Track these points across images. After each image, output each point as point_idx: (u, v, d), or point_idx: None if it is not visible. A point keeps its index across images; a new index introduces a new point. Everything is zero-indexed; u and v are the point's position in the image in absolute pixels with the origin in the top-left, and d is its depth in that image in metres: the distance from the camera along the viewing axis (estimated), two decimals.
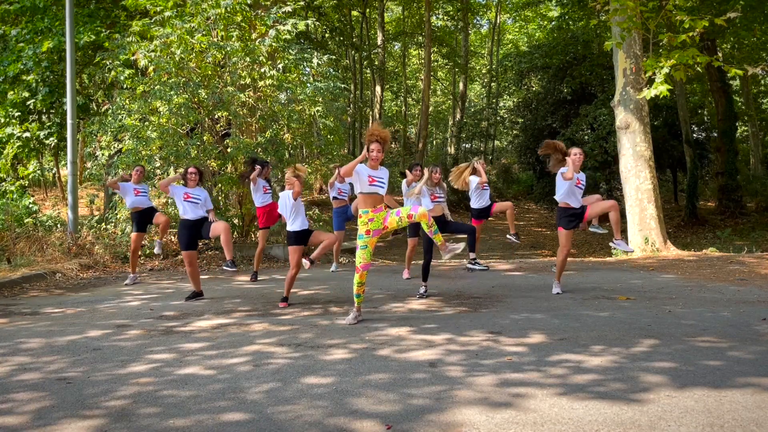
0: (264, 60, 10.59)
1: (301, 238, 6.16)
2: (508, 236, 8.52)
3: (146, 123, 10.37)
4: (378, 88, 28.13)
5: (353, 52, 28.82)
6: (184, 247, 6.59)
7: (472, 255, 6.70)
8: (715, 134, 21.00)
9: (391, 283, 7.84)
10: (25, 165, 15.37)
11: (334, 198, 8.72)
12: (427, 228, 5.30)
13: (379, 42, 28.21)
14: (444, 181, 7.23)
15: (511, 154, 34.06)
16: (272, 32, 10.52)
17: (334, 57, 17.95)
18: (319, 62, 11.69)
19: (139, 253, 8.87)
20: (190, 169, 6.78)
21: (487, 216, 8.39)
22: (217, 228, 6.48)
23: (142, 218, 7.98)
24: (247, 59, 10.49)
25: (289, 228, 6.17)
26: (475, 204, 8.35)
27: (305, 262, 6.01)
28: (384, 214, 5.24)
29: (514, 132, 27.31)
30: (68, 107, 10.46)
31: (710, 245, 12.89)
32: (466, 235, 7.00)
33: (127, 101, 10.48)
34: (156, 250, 8.22)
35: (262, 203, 8.05)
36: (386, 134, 5.16)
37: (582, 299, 6.22)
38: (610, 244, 6.67)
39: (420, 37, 31.01)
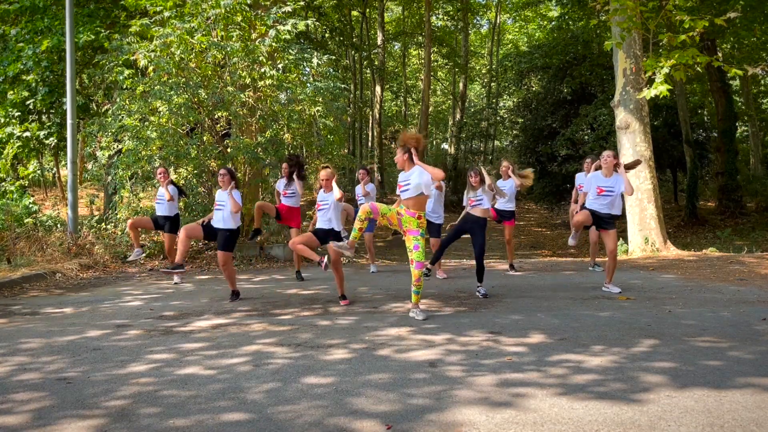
0: (264, 60, 10.59)
1: (321, 236, 6.24)
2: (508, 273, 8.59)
3: (146, 123, 10.37)
4: (378, 88, 28.11)
5: (353, 52, 28.79)
6: (187, 224, 6.58)
7: (478, 285, 6.51)
8: (715, 134, 20.97)
9: (391, 283, 7.84)
10: (25, 165, 15.37)
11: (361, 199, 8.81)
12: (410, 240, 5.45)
13: (379, 42, 28.18)
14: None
15: (511, 154, 34.02)
16: (272, 32, 10.52)
17: (334, 57, 17.92)
18: (319, 62, 11.68)
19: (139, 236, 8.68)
20: (221, 171, 6.53)
21: (499, 217, 8.41)
22: (219, 259, 6.48)
23: (158, 218, 7.91)
24: (247, 59, 10.49)
25: (318, 225, 6.33)
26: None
27: (323, 262, 5.93)
28: (406, 220, 5.40)
29: (514, 132, 27.29)
30: (68, 107, 10.45)
31: (710, 245, 12.89)
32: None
33: (127, 101, 10.47)
34: (162, 269, 7.93)
35: (284, 202, 8.18)
36: (416, 139, 5.46)
37: (582, 299, 6.22)
38: (602, 288, 6.79)
39: (420, 37, 30.99)
